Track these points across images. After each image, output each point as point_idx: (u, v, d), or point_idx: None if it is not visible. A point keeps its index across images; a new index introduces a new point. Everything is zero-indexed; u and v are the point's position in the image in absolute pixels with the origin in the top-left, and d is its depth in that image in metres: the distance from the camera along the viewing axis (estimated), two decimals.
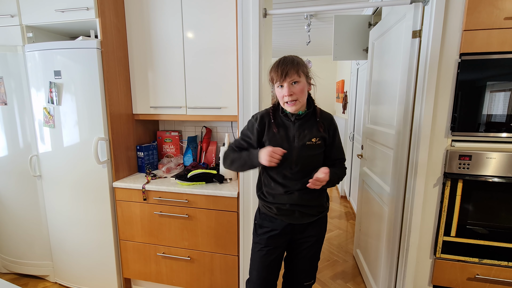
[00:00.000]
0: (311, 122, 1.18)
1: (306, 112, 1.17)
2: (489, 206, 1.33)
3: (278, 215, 1.21)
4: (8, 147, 1.84)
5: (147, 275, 1.81)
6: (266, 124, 1.19)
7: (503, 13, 1.18)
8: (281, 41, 4.05)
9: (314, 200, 1.22)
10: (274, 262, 1.26)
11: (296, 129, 1.16)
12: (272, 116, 1.19)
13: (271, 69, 1.14)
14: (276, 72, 1.10)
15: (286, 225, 1.22)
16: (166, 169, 1.91)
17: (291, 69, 1.08)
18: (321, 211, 1.25)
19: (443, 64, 1.29)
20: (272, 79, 1.13)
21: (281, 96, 1.11)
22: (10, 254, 2.01)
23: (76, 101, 1.65)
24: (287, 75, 1.08)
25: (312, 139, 1.16)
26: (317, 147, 1.17)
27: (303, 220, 1.22)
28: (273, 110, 1.21)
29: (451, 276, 1.42)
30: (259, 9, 1.48)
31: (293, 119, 1.16)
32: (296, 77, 1.09)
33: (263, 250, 1.24)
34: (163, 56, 1.77)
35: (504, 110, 1.25)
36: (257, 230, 1.28)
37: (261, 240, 1.25)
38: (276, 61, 1.14)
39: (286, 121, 1.18)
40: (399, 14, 1.51)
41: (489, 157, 1.28)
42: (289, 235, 1.25)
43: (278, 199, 1.20)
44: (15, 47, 1.74)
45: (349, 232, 2.82)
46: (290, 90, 1.08)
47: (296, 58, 1.13)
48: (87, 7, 1.58)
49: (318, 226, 1.27)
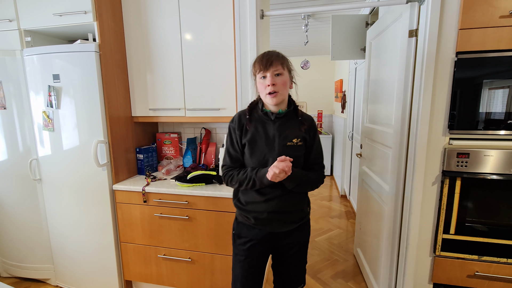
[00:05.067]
0: (292, 121, 1.13)
1: (286, 111, 1.12)
2: (487, 203, 1.34)
3: (256, 224, 1.15)
4: (8, 151, 1.85)
5: (148, 277, 1.81)
6: (244, 124, 1.13)
7: (499, 12, 1.19)
8: (279, 42, 4.06)
9: (294, 206, 1.15)
10: (257, 272, 1.21)
11: (276, 129, 1.10)
12: (248, 113, 1.14)
13: (255, 61, 1.11)
14: (261, 62, 1.06)
15: (265, 234, 1.16)
16: (166, 171, 1.91)
17: (276, 60, 1.06)
18: (302, 217, 1.19)
19: (439, 63, 1.30)
20: (256, 70, 1.09)
21: (263, 86, 1.07)
22: (11, 258, 2.01)
23: (75, 105, 1.65)
24: (272, 65, 1.05)
25: (294, 139, 1.11)
26: (298, 149, 1.11)
27: (283, 228, 1.16)
28: (250, 108, 1.16)
29: (451, 273, 1.42)
30: (256, 10, 1.49)
31: (273, 117, 1.11)
32: (280, 69, 1.06)
33: (244, 262, 1.18)
34: (161, 58, 1.78)
35: (501, 108, 1.25)
36: (236, 241, 1.21)
37: (240, 251, 1.19)
38: (259, 55, 1.11)
39: (265, 120, 1.12)
40: (396, 14, 1.52)
41: (487, 155, 1.28)
42: (270, 243, 1.19)
43: (256, 207, 1.13)
44: (14, 51, 1.74)
45: (349, 231, 2.83)
46: (273, 80, 1.05)
47: (280, 52, 1.10)
48: (85, 11, 1.58)
49: (301, 233, 1.21)
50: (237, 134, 1.13)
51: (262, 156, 1.10)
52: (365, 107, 2.11)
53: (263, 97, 1.10)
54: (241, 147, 1.14)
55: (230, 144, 1.17)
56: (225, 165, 1.19)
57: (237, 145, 1.15)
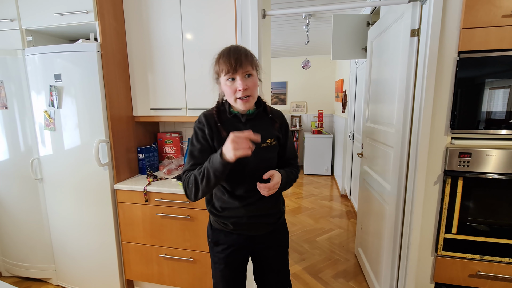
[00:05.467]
0: (263, 121, 1.06)
1: (257, 111, 1.05)
2: (489, 203, 1.34)
3: (235, 230, 1.10)
4: (9, 151, 1.85)
5: (149, 276, 1.81)
6: (213, 126, 1.01)
7: (501, 11, 1.19)
8: (280, 41, 4.06)
9: (273, 208, 1.12)
10: (238, 277, 1.17)
11: None
12: (217, 118, 1.01)
13: (217, 60, 0.97)
14: (228, 62, 0.92)
15: (244, 239, 1.12)
16: (167, 171, 1.91)
17: (245, 60, 0.93)
18: (279, 216, 1.16)
19: (441, 62, 1.30)
20: (221, 71, 0.95)
21: (233, 90, 0.95)
22: (12, 258, 2.02)
23: (76, 104, 1.65)
24: (241, 66, 0.92)
25: (267, 140, 1.04)
26: (272, 149, 1.06)
27: (262, 231, 1.12)
28: (217, 111, 1.03)
29: (453, 273, 1.42)
30: (258, 10, 1.49)
31: (244, 120, 1.03)
32: (250, 69, 0.95)
33: (224, 270, 1.13)
34: (163, 57, 1.78)
35: (503, 107, 1.25)
36: (213, 249, 1.15)
37: (220, 259, 1.13)
38: (223, 51, 0.97)
39: (235, 123, 1.03)
40: (397, 13, 1.52)
41: (489, 154, 1.28)
42: (249, 248, 1.16)
43: (234, 213, 1.06)
44: (15, 51, 1.74)
45: (350, 231, 2.83)
46: (244, 83, 0.94)
47: (247, 49, 0.99)
48: (87, 10, 1.58)
49: (279, 232, 1.18)
50: (207, 133, 1.01)
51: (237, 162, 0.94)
52: (366, 106, 2.11)
53: (232, 102, 0.99)
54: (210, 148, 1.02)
55: (195, 145, 1.02)
56: (185, 171, 1.02)
57: (206, 146, 1.02)
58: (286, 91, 5.54)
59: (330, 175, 4.99)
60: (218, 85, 1.03)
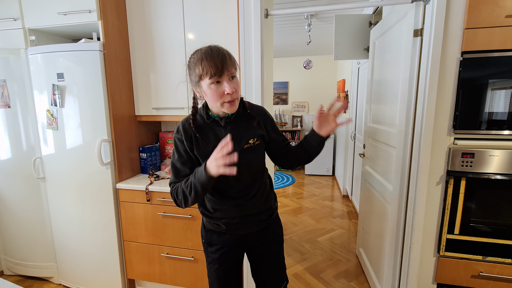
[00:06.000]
0: (244, 121, 1.02)
1: (237, 112, 1.00)
2: (492, 203, 1.34)
3: (228, 230, 1.09)
4: (12, 150, 1.85)
5: (151, 275, 1.81)
6: (192, 135, 0.99)
7: (504, 11, 1.19)
8: (282, 41, 4.06)
9: (264, 205, 1.10)
10: (233, 277, 1.17)
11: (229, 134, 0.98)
12: (194, 128, 0.98)
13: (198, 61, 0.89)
14: (213, 65, 0.86)
15: (237, 238, 1.12)
16: (169, 170, 1.91)
17: (229, 62, 0.89)
18: (271, 213, 1.15)
19: (444, 63, 1.29)
20: (205, 73, 0.88)
21: (219, 94, 0.89)
22: (14, 256, 2.02)
23: (79, 103, 1.65)
24: (227, 69, 0.88)
25: (250, 140, 1.01)
26: (257, 148, 1.04)
27: (255, 229, 1.11)
28: (193, 119, 0.99)
29: (455, 274, 1.42)
30: (261, 9, 1.49)
31: (223, 123, 0.99)
32: (234, 71, 0.91)
33: (219, 270, 1.13)
34: (165, 57, 1.78)
35: (506, 108, 1.25)
36: (207, 249, 1.15)
37: (214, 260, 1.13)
38: (202, 52, 0.90)
39: (215, 127, 0.99)
40: (400, 13, 1.51)
41: (492, 155, 1.28)
42: (243, 246, 1.16)
43: (226, 213, 1.06)
44: (18, 50, 1.75)
45: (352, 231, 2.82)
46: (232, 86, 0.89)
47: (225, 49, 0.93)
48: (89, 10, 1.59)
49: (272, 228, 1.17)
50: (186, 146, 0.99)
51: None
52: (369, 107, 2.11)
53: (217, 106, 0.93)
54: (191, 160, 1.01)
55: (177, 158, 1.01)
56: (172, 183, 1.04)
57: (186, 157, 1.01)
58: (287, 91, 5.54)
59: (331, 175, 4.99)
60: (196, 89, 0.96)
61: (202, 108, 1.02)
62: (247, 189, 1.05)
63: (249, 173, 1.04)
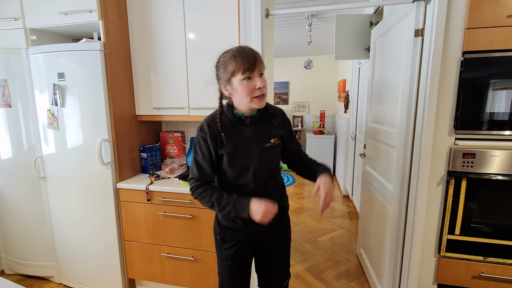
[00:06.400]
0: (266, 121, 1.08)
1: (260, 112, 1.06)
2: (493, 204, 1.33)
3: (244, 226, 1.12)
4: (13, 149, 1.86)
5: (151, 275, 1.81)
6: (217, 134, 1.02)
7: (506, 11, 1.18)
8: (283, 41, 4.06)
9: (279, 203, 1.14)
10: (245, 273, 1.21)
11: (253, 133, 1.05)
12: (220, 127, 1.01)
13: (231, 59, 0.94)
14: (246, 60, 0.91)
15: (250, 234, 1.15)
16: (170, 170, 1.91)
17: (260, 59, 0.95)
18: (284, 211, 1.20)
19: (445, 63, 1.29)
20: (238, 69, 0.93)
21: (250, 89, 0.94)
22: (15, 256, 2.03)
23: (79, 103, 1.66)
24: (257, 65, 0.93)
25: (271, 139, 1.07)
26: (276, 148, 1.09)
27: (268, 226, 1.11)
28: (220, 118, 1.03)
29: (456, 274, 1.41)
30: (261, 9, 1.49)
31: (248, 122, 1.04)
32: (263, 69, 0.96)
33: (232, 267, 1.16)
34: (166, 57, 1.78)
35: (507, 108, 1.25)
36: (221, 245, 1.17)
37: (227, 256, 1.15)
38: (234, 51, 0.96)
39: (239, 126, 1.04)
40: (401, 13, 1.51)
41: (493, 155, 1.28)
42: (255, 243, 1.18)
43: None
44: (19, 49, 1.75)
45: (352, 232, 2.82)
46: (262, 81, 0.94)
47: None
48: (90, 10, 1.59)
49: (283, 227, 1.21)
50: (210, 145, 1.02)
51: (243, 163, 1.03)
52: (369, 107, 2.11)
53: (247, 101, 0.97)
54: (215, 158, 1.05)
55: (200, 155, 1.05)
56: (193, 178, 1.07)
57: (209, 156, 1.04)
58: (288, 91, 5.54)
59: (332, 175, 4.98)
60: (226, 87, 1.00)
61: (227, 107, 1.05)
62: (264, 187, 1.09)
63: (268, 171, 1.09)
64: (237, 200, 1.00)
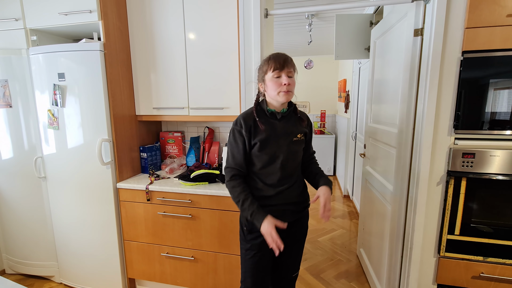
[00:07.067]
0: (293, 119, 1.23)
1: (289, 110, 1.22)
2: (493, 204, 1.33)
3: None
4: (13, 149, 1.86)
5: (151, 275, 1.82)
6: (252, 126, 1.17)
7: (506, 11, 1.18)
8: (283, 41, 4.05)
9: (301, 196, 1.26)
10: (267, 264, 1.26)
11: (283, 126, 1.19)
12: (256, 115, 1.19)
13: (266, 60, 1.15)
14: (278, 61, 1.11)
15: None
16: (169, 170, 1.92)
17: (290, 63, 1.14)
18: (306, 206, 1.29)
19: (445, 62, 1.29)
20: (270, 68, 1.13)
21: (279, 84, 1.12)
22: (16, 255, 2.03)
23: (80, 103, 1.66)
24: (287, 66, 1.12)
25: (298, 135, 1.21)
26: (301, 143, 1.24)
27: (292, 218, 1.24)
28: (256, 110, 1.21)
29: (456, 274, 1.41)
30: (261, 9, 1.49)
31: (279, 117, 1.20)
32: (292, 71, 1.14)
33: (256, 256, 1.22)
34: (165, 57, 1.78)
35: (507, 108, 1.24)
36: (247, 236, 1.24)
37: (253, 246, 1.22)
38: (271, 55, 1.16)
39: (271, 120, 1.19)
40: (401, 13, 1.51)
41: (493, 155, 1.27)
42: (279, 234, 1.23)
43: (269, 201, 1.20)
44: (20, 50, 1.76)
45: (353, 232, 2.82)
46: (288, 79, 1.11)
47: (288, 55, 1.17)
48: (90, 10, 1.59)
49: (302, 221, 1.30)
50: (245, 136, 1.16)
51: (273, 152, 1.17)
52: (369, 106, 2.10)
53: (274, 95, 1.14)
54: (249, 149, 1.18)
55: (235, 146, 1.19)
56: (229, 167, 1.21)
57: (243, 148, 1.18)
58: None
59: (332, 175, 4.98)
60: (261, 84, 1.19)
61: (262, 103, 1.22)
62: (289, 178, 1.21)
63: (294, 163, 1.22)
64: (256, 211, 1.13)
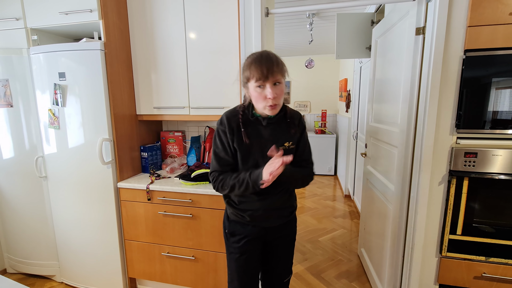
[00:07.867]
0: (283, 124, 1.11)
1: (277, 116, 1.09)
2: (495, 203, 1.32)
3: (251, 221, 1.16)
4: (14, 149, 1.87)
5: (151, 274, 1.82)
6: (235, 130, 1.08)
7: (508, 8, 1.17)
8: (283, 40, 4.05)
9: (286, 202, 1.19)
10: (253, 267, 1.22)
11: (268, 134, 1.09)
12: (242, 122, 1.07)
13: (248, 65, 0.99)
14: (259, 70, 0.95)
15: (259, 229, 1.18)
16: (170, 169, 1.92)
17: (276, 69, 0.96)
18: (292, 211, 1.25)
19: (447, 61, 1.28)
20: (252, 77, 0.98)
21: (262, 97, 0.99)
22: (17, 254, 2.04)
23: (80, 103, 1.66)
24: (272, 75, 0.95)
25: (285, 143, 1.10)
26: (289, 152, 1.11)
27: (277, 223, 1.19)
28: (243, 114, 1.08)
29: (457, 274, 1.40)
30: (261, 8, 1.49)
31: (265, 123, 1.08)
32: (279, 78, 0.98)
33: (240, 259, 1.19)
34: (166, 56, 1.78)
35: (510, 107, 1.23)
36: (229, 239, 1.21)
37: (235, 249, 1.19)
38: (253, 57, 1.00)
39: (257, 125, 1.09)
40: (402, 11, 1.50)
41: (495, 154, 1.26)
42: (263, 238, 1.22)
43: (251, 206, 1.14)
44: (20, 49, 1.76)
45: (354, 231, 2.81)
46: (274, 92, 0.97)
47: (277, 56, 1.02)
48: (91, 9, 1.59)
49: (290, 226, 1.26)
50: (228, 137, 1.08)
51: (255, 162, 1.09)
52: (370, 106, 2.09)
53: (260, 107, 1.03)
54: (233, 150, 1.10)
55: (220, 147, 1.10)
56: (214, 171, 1.13)
57: (228, 148, 1.09)
58: (289, 91, 5.52)
59: (333, 175, 4.97)
60: (245, 89, 1.06)
61: (248, 105, 1.10)
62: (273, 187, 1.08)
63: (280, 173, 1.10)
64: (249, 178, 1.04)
